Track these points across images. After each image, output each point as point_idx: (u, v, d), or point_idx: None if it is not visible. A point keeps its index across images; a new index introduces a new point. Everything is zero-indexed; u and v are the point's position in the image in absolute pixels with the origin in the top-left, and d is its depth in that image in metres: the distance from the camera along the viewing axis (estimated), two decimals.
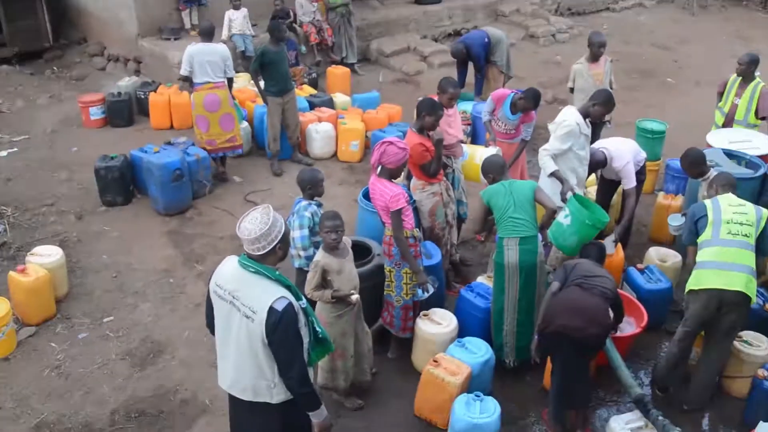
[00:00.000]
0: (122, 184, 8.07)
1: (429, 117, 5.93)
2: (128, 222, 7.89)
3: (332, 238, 4.77)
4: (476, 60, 10.27)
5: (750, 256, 5.01)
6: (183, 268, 7.10)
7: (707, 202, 5.26)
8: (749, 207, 5.19)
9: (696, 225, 5.25)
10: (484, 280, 6.04)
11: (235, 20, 11.20)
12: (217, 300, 3.69)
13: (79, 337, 6.09)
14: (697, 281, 5.03)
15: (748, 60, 7.74)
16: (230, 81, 8.53)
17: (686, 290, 5.18)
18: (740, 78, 7.79)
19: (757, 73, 7.77)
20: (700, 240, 5.17)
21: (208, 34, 8.38)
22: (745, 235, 5.01)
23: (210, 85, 8.24)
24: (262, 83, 8.63)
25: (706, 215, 5.15)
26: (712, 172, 6.07)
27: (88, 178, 8.40)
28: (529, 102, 7.12)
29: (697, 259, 5.14)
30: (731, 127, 7.84)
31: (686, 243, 5.46)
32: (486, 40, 10.12)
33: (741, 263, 4.96)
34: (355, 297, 4.83)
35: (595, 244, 5.54)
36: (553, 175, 6.13)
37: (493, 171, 5.70)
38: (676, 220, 6.21)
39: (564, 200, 5.91)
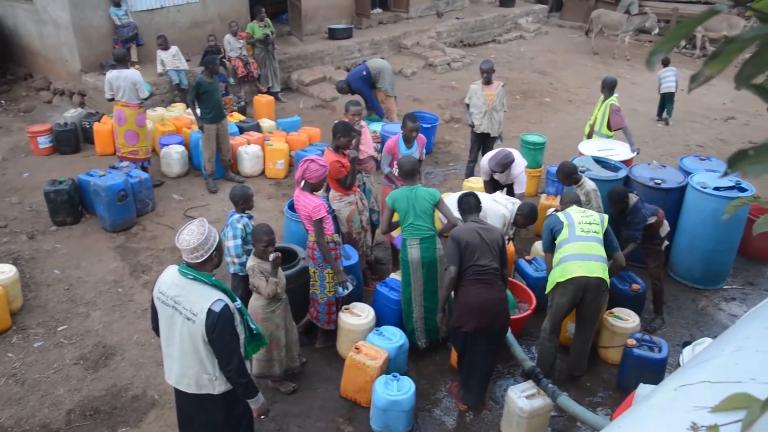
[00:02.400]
0: (71, 205, 7.80)
1: (343, 138, 5.97)
2: (78, 239, 7.62)
3: (270, 251, 4.77)
4: (359, 92, 10.17)
5: (601, 248, 5.19)
6: (130, 278, 6.91)
7: (559, 214, 5.42)
8: (593, 212, 5.46)
9: (552, 233, 5.36)
10: (396, 277, 6.08)
11: (166, 59, 11.06)
12: (161, 305, 3.63)
13: (35, 346, 5.85)
14: (562, 273, 5.10)
15: (602, 81, 8.17)
16: (146, 98, 8.68)
17: (551, 285, 5.22)
18: (602, 96, 8.15)
19: (616, 94, 8.10)
20: (558, 241, 5.26)
21: (120, 61, 8.52)
22: (595, 232, 5.21)
23: (122, 103, 8.41)
24: (198, 111, 8.50)
25: (561, 223, 5.30)
26: (584, 179, 6.30)
27: (39, 201, 8.11)
28: (413, 124, 6.71)
29: (559, 255, 5.20)
30: (593, 137, 8.18)
31: (545, 250, 5.52)
32: (364, 73, 10.07)
33: (596, 254, 5.13)
34: (275, 254, 4.77)
35: (471, 194, 5.28)
36: None
37: (403, 171, 5.65)
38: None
39: None
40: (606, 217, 5.46)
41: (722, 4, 1.09)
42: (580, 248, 5.13)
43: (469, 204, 5.19)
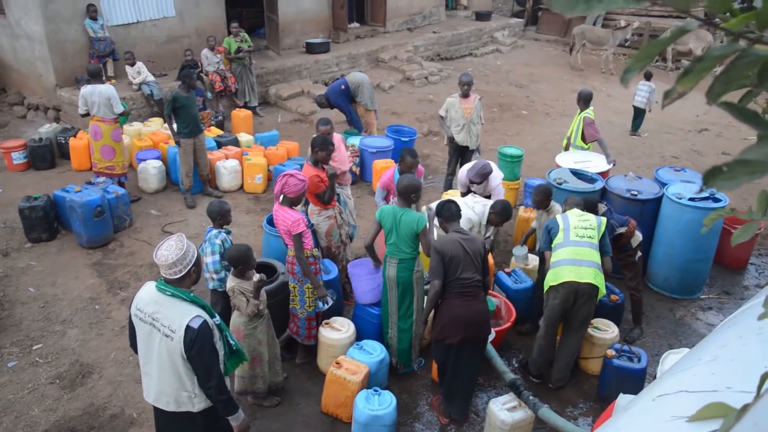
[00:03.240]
0: (46, 221, 7.72)
1: (321, 152, 5.98)
2: (54, 256, 7.53)
3: (249, 276, 4.85)
4: (338, 107, 10.21)
5: (596, 254, 5.30)
6: (107, 295, 6.83)
7: (558, 217, 5.58)
8: (591, 216, 5.53)
9: (549, 234, 5.53)
10: None
11: (132, 74, 11.16)
12: (139, 322, 3.60)
13: (9, 366, 5.75)
14: (554, 277, 5.26)
15: (578, 94, 8.28)
16: (122, 114, 8.57)
17: (546, 288, 5.37)
18: (579, 108, 8.25)
19: (591, 107, 8.20)
20: (554, 244, 5.43)
21: (94, 76, 8.40)
22: (590, 237, 5.32)
23: (97, 119, 8.32)
24: (175, 126, 8.47)
25: (558, 226, 5.45)
26: (552, 202, 6.33)
27: (13, 217, 8.00)
28: (413, 159, 6.25)
29: (553, 260, 5.37)
30: (569, 149, 8.28)
31: (543, 249, 5.69)
32: (343, 87, 10.09)
33: (589, 259, 5.23)
34: (259, 276, 4.81)
35: (452, 202, 5.18)
36: None
37: (397, 188, 5.37)
38: (519, 251, 6.42)
39: None
40: (604, 220, 5.54)
41: (692, 22, 1.12)
42: (573, 253, 5.24)
43: (451, 211, 5.11)
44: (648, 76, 11.88)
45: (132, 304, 3.66)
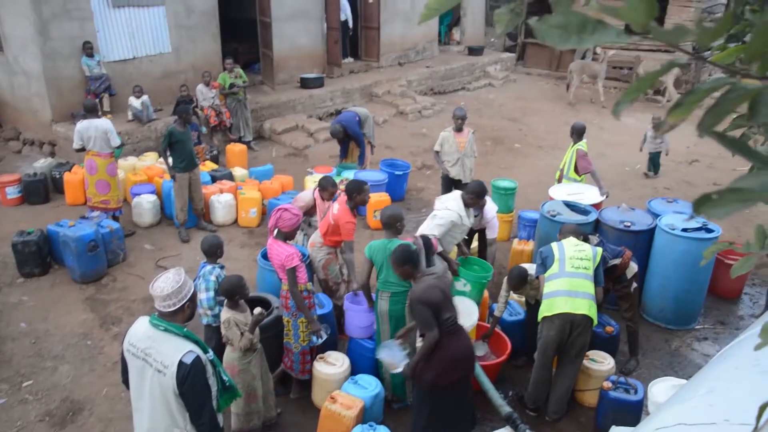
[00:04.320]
0: (39, 256, 7.67)
1: (358, 195, 6.03)
2: (46, 291, 7.47)
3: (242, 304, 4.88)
4: (355, 135, 10.25)
5: (590, 285, 5.28)
6: (100, 330, 6.76)
7: (553, 245, 5.55)
8: (586, 246, 5.52)
9: (544, 263, 5.50)
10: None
11: (135, 105, 11.26)
12: (131, 358, 3.56)
13: None
14: (549, 308, 5.24)
15: (571, 127, 8.32)
16: (117, 147, 8.53)
17: (540, 318, 5.35)
18: (572, 141, 8.31)
19: (584, 139, 8.25)
20: (548, 274, 5.40)
21: (90, 111, 8.41)
22: (585, 268, 5.31)
23: (93, 153, 8.32)
24: (170, 160, 8.48)
25: (553, 256, 5.43)
26: (532, 276, 5.99)
27: (6, 252, 7.95)
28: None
29: (547, 290, 5.35)
30: (562, 181, 8.32)
31: (537, 275, 5.68)
32: (357, 118, 10.20)
33: (584, 291, 5.22)
34: (259, 310, 4.80)
35: (410, 247, 5.11)
36: (440, 254, 6.00)
37: (381, 219, 5.53)
38: (479, 349, 6.07)
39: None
40: (599, 251, 5.53)
41: (682, 57, 1.13)
42: (568, 285, 5.22)
43: (418, 255, 5.11)
44: (656, 127, 11.56)
45: (125, 339, 3.62)
